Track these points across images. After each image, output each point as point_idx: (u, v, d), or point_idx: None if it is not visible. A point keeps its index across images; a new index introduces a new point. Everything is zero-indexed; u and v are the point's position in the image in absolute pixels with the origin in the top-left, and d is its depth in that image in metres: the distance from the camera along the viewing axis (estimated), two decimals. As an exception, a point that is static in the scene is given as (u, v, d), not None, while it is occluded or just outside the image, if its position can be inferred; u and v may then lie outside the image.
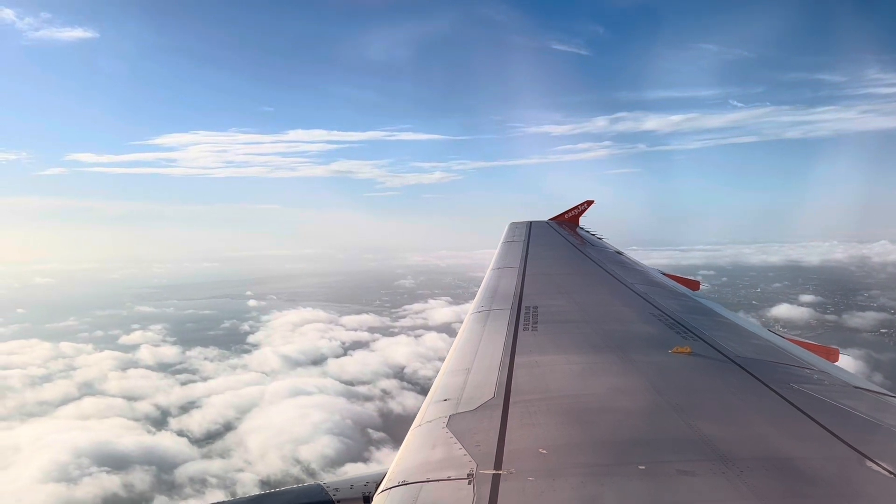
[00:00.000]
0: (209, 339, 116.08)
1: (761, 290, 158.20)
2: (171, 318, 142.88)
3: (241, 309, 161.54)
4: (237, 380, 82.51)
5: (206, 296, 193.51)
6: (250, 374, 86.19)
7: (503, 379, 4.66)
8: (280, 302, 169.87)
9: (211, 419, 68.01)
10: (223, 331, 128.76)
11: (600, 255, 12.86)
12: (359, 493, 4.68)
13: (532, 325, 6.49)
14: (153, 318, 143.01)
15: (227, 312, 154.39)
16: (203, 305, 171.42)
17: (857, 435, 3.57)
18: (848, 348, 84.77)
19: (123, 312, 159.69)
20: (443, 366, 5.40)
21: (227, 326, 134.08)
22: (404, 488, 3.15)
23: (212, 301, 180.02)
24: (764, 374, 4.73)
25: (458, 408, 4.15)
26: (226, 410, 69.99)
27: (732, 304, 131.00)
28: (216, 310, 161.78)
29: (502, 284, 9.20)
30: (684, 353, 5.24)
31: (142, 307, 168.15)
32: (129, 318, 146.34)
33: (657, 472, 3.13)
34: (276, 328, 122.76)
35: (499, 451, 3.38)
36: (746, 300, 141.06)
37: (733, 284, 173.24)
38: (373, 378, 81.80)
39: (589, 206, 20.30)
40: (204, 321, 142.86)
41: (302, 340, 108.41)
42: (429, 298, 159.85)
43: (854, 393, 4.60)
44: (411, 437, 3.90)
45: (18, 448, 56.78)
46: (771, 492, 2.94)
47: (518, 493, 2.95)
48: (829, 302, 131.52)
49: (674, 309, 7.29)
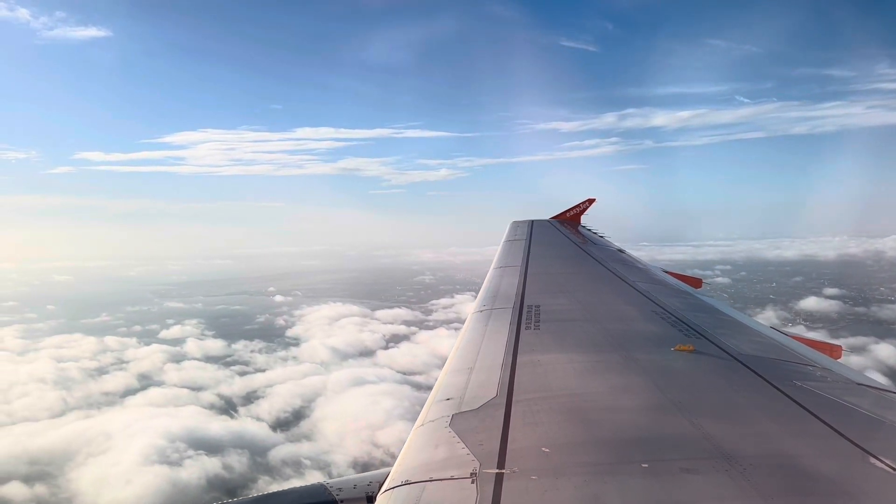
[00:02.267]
0: (248, 332, 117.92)
1: (777, 285, 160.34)
2: (203, 314, 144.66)
3: (270, 304, 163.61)
4: (294, 371, 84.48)
5: (229, 292, 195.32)
6: (304, 365, 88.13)
7: (506, 378, 4.66)
8: (305, 298, 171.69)
9: (279, 408, 69.97)
10: (259, 325, 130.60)
11: (602, 254, 12.83)
12: (362, 492, 4.65)
13: (534, 324, 6.48)
14: (185, 314, 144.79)
15: (258, 308, 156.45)
16: (231, 301, 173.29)
17: (861, 432, 3.56)
18: (886, 339, 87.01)
19: (153, 308, 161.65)
20: (445, 365, 5.37)
21: (261, 321, 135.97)
22: (407, 488, 3.16)
23: (237, 297, 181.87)
24: (767, 372, 4.72)
25: (461, 407, 4.15)
26: (292, 399, 71.97)
27: (756, 299, 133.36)
28: (245, 305, 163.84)
29: (504, 283, 9.20)
30: (687, 351, 5.21)
31: (170, 303, 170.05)
32: (160, 314, 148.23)
33: (660, 471, 3.13)
34: (313, 322, 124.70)
35: (502, 450, 3.38)
36: (764, 294, 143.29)
37: (751, 280, 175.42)
38: (425, 368, 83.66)
39: (591, 205, 20.29)
40: (237, 316, 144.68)
41: (343, 334, 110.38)
42: (454, 294, 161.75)
43: (857, 390, 4.58)
44: (414, 437, 3.88)
45: (109, 435, 58.79)
46: (774, 489, 2.93)
47: (521, 492, 2.95)
48: (856, 295, 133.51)
49: (676, 307, 7.28)
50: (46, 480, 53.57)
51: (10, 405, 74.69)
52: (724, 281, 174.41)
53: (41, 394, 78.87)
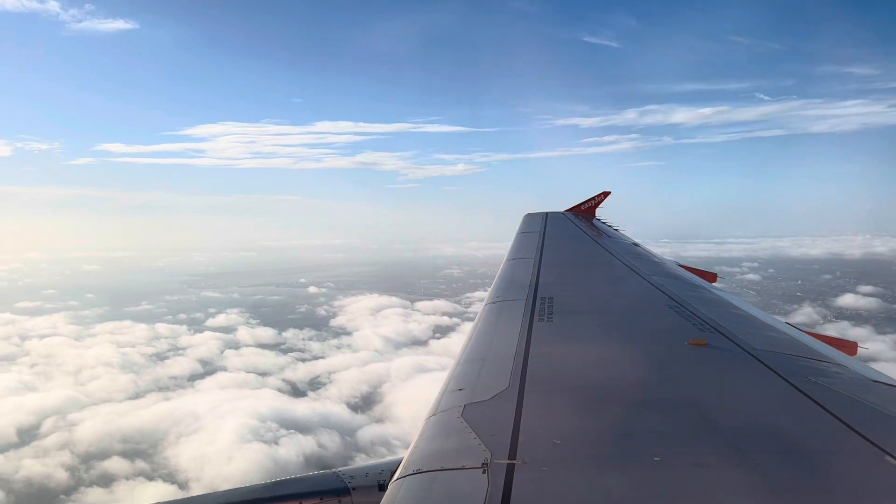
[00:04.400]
0: (293, 322, 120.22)
1: (805, 282, 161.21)
2: (242, 304, 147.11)
3: (305, 295, 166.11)
4: (353, 358, 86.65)
5: (261, 283, 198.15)
6: (361, 353, 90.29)
7: (518, 369, 4.66)
8: (338, 289, 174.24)
9: (348, 393, 72.15)
10: (301, 315, 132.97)
11: (616, 247, 12.80)
12: (374, 480, 4.70)
13: (547, 315, 6.46)
14: (224, 304, 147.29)
15: (294, 298, 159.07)
16: (266, 292, 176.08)
17: (876, 429, 3.54)
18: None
19: (192, 298, 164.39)
20: (457, 355, 5.42)
21: (302, 311, 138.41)
22: (419, 476, 3.18)
23: (270, 288, 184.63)
24: (781, 367, 4.70)
25: (473, 397, 4.16)
26: (358, 385, 74.17)
27: (789, 297, 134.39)
28: (281, 295, 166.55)
29: (518, 275, 9.23)
30: (701, 345, 5.23)
31: (207, 293, 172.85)
32: (199, 303, 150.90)
33: (672, 464, 3.13)
34: (356, 313, 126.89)
35: (513, 440, 3.39)
36: (795, 292, 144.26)
37: (779, 277, 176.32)
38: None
39: (605, 198, 20.24)
40: (276, 306, 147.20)
41: (389, 324, 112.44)
42: (486, 287, 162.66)
43: (872, 387, 4.54)
44: (426, 426, 3.88)
45: (196, 415, 61.17)
46: (787, 486, 2.92)
47: (532, 483, 2.95)
48: (892, 293, 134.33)
49: (690, 300, 7.28)
50: (144, 457, 56.03)
51: (84, 387, 77.35)
52: (754, 278, 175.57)
53: (112, 377, 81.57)
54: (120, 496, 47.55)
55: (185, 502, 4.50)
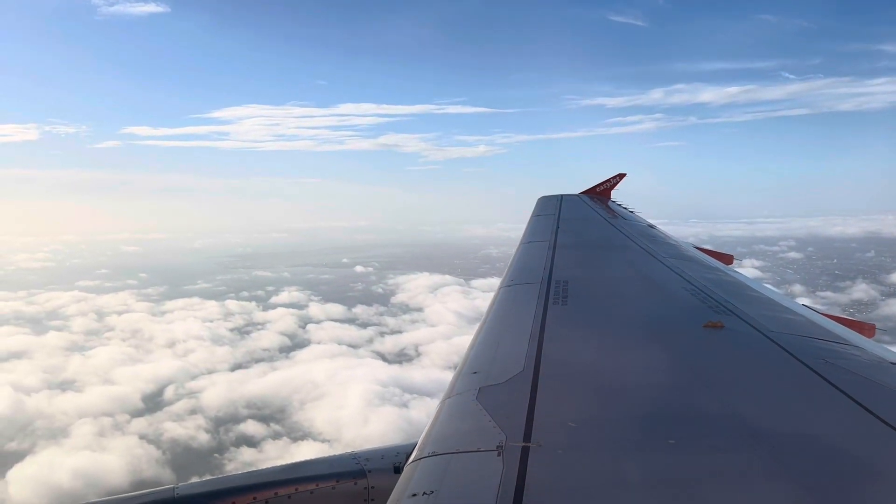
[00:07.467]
0: (353, 299, 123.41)
1: (847, 260, 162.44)
2: (298, 282, 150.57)
3: (354, 274, 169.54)
4: (434, 332, 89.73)
5: (304, 263, 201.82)
6: (440, 327, 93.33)
7: (532, 352, 4.66)
8: (383, 268, 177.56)
9: (442, 364, 75.12)
10: (360, 293, 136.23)
11: (632, 229, 12.74)
12: (389, 463, 4.77)
13: (562, 299, 6.45)
14: (281, 282, 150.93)
15: (346, 277, 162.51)
16: (318, 271, 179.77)
17: (893, 411, 3.49)
18: None
19: (244, 277, 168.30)
20: (472, 339, 5.45)
21: (360, 289, 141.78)
22: (434, 459, 3.18)
23: (320, 268, 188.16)
24: (797, 350, 4.68)
25: (488, 380, 4.15)
26: (449, 357, 77.02)
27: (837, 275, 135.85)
28: (330, 275, 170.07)
29: (532, 258, 9.13)
30: (717, 327, 5.24)
31: (258, 272, 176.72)
32: (254, 282, 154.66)
33: (687, 447, 3.12)
34: (415, 290, 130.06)
35: (528, 423, 3.37)
36: (842, 269, 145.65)
37: (820, 255, 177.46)
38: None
39: (621, 180, 20.16)
40: (331, 284, 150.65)
41: (453, 300, 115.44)
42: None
43: (890, 369, 4.51)
44: (441, 409, 3.88)
45: (316, 383, 64.42)
46: (803, 469, 2.89)
47: (547, 466, 2.94)
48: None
49: (706, 283, 7.27)
50: (276, 421, 59.37)
51: (186, 358, 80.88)
52: (797, 256, 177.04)
53: (206, 349, 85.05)
54: (272, 455, 50.76)
55: (207, 483, 4.64)
